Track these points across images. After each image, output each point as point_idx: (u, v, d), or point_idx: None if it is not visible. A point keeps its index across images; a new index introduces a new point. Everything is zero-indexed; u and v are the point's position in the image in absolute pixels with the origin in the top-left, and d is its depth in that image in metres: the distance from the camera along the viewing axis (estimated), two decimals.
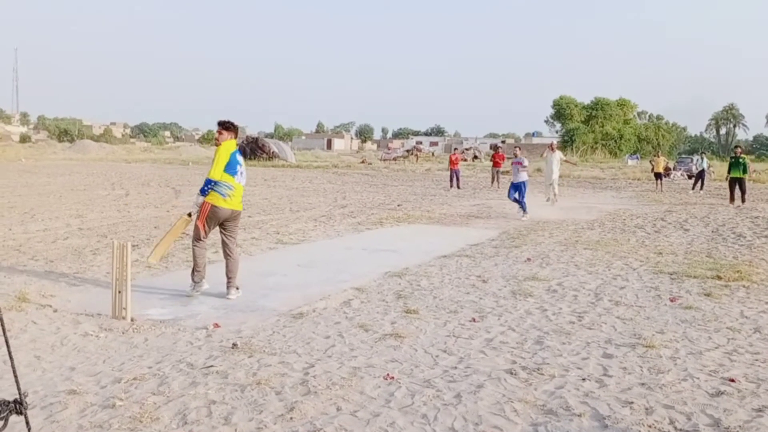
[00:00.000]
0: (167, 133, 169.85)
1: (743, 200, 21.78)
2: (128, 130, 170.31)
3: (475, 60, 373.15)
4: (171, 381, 4.82)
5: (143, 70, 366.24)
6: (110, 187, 25.06)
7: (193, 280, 7.54)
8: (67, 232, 12.77)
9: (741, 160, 22.50)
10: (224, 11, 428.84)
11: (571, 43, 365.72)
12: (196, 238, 7.46)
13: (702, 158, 31.33)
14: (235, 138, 7.60)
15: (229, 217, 7.46)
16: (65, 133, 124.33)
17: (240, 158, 7.54)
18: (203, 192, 7.29)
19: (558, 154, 21.97)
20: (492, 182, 29.60)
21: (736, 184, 22.06)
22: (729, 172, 22.69)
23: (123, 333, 6.09)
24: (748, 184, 23.57)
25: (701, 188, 28.79)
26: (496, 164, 30.02)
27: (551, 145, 22.71)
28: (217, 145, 7.47)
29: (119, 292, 6.53)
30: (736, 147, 24.36)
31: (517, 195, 16.89)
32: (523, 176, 17.15)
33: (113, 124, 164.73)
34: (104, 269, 8.84)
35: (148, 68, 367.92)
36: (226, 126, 7.55)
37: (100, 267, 9.16)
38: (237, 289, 7.58)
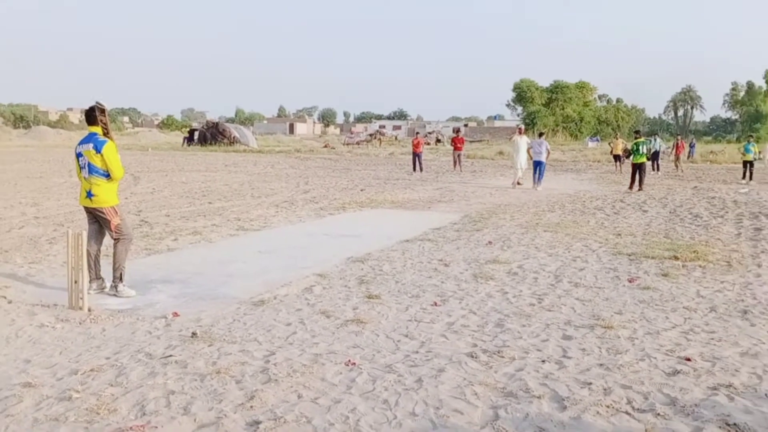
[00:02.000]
0: (126, 119, 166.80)
1: (640, 186, 20.56)
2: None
3: (437, 44, 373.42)
4: (129, 372, 4.75)
5: (100, 53, 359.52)
6: (67, 175, 24.58)
7: None
8: (23, 221, 12.51)
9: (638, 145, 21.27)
10: None
11: (530, 26, 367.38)
12: None
13: (655, 139, 31.70)
14: (93, 125, 7.01)
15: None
16: (21, 119, 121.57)
17: (81, 148, 7.03)
18: None
19: (526, 138, 22.14)
20: (454, 166, 29.65)
21: (637, 169, 20.86)
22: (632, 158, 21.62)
23: (80, 324, 5.99)
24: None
25: (657, 170, 29.23)
26: (456, 148, 30.02)
27: (519, 129, 22.86)
28: None
29: (75, 281, 6.41)
30: (636, 131, 23.91)
31: None
32: None
33: (70, 109, 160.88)
34: (60, 258, 8.68)
35: (105, 51, 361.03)
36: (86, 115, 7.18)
37: (56, 256, 8.99)
38: (114, 287, 7.10)
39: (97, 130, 6.99)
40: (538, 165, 20.91)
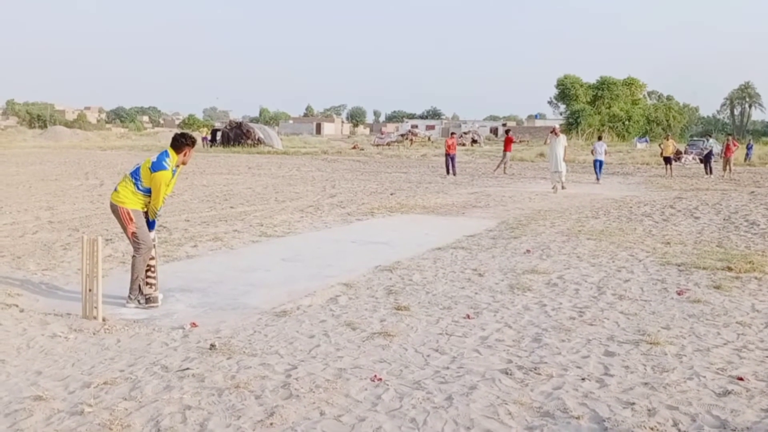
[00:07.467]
0: (145, 118, 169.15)
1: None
2: (104, 115, 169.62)
3: (474, 37, 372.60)
4: (144, 385, 4.82)
5: (119, 49, 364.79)
6: (84, 177, 24.98)
7: None
8: (37, 225, 12.73)
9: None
10: None
11: (575, 18, 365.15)
12: None
13: (707, 140, 31.45)
14: (175, 150, 7.21)
15: None
16: (36, 118, 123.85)
17: (151, 155, 7.33)
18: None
19: (563, 138, 22.01)
20: (497, 167, 29.45)
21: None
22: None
23: (94, 334, 6.09)
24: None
25: (710, 173, 28.94)
26: (507, 148, 29.79)
27: (554, 129, 22.64)
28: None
29: (90, 290, 6.52)
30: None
31: None
32: None
33: (87, 108, 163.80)
34: (75, 265, 8.81)
35: (124, 48, 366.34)
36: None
37: (70, 263, 9.13)
38: (131, 299, 7.11)
39: (173, 156, 7.11)
40: (599, 163, 26.45)
